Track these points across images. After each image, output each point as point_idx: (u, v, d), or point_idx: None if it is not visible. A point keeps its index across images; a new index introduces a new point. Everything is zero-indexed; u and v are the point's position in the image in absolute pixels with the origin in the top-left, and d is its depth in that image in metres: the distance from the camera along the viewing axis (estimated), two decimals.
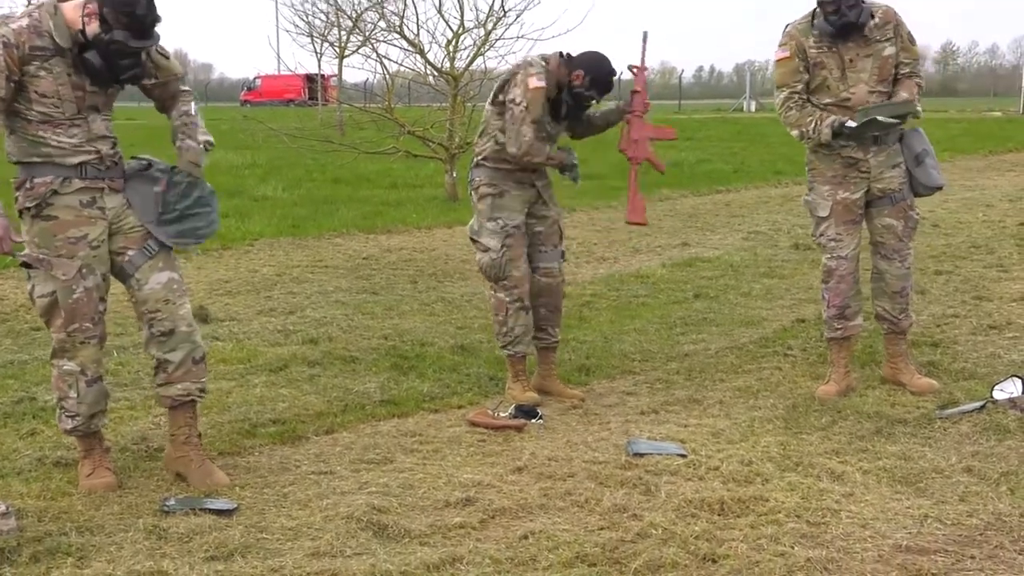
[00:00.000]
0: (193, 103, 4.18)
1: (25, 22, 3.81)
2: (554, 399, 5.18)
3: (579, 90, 5.12)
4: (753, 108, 46.54)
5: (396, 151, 13.57)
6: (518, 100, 5.01)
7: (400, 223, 11.34)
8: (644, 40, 5.51)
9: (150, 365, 4.26)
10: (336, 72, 25.81)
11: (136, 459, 4.35)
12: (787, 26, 5.15)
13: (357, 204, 12.94)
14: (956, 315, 6.78)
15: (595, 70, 5.13)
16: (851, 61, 5.02)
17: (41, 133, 3.86)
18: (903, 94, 5.05)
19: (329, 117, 25.08)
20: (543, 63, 5.11)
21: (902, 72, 5.11)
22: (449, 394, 5.27)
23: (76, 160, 3.91)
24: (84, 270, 3.93)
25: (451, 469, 4.21)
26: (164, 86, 4.13)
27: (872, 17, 5.01)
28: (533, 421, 4.79)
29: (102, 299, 4.01)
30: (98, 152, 3.95)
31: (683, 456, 4.28)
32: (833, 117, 4.98)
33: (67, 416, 4.02)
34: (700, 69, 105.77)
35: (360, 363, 5.80)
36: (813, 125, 5.01)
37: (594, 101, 5.24)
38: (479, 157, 5.20)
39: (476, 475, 4.13)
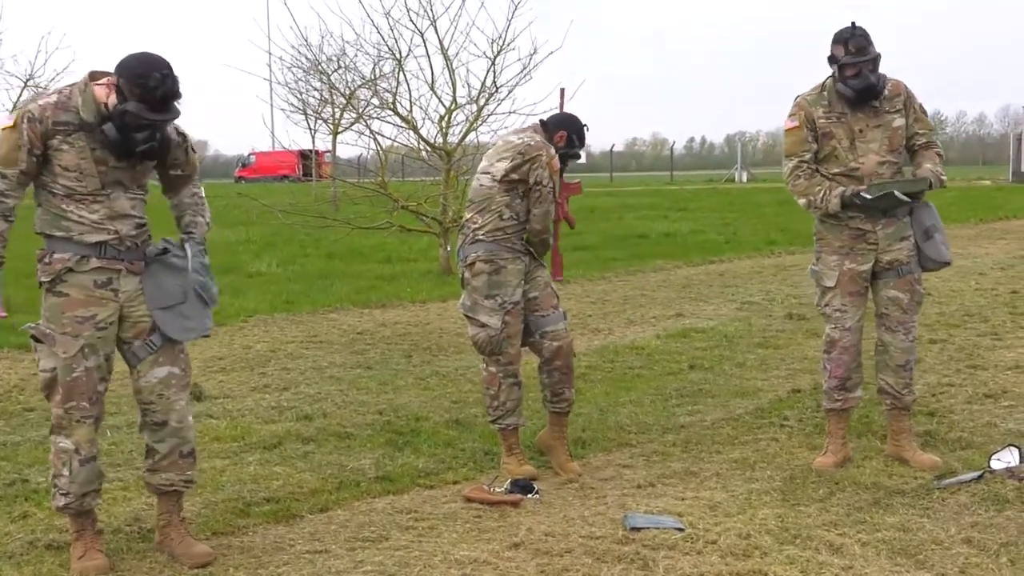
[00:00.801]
0: (205, 212, 4.30)
1: (54, 99, 3.93)
2: (551, 473, 5.16)
3: (565, 150, 5.28)
4: (744, 178, 47.01)
5: (390, 226, 13.65)
6: (545, 182, 5.13)
7: (394, 297, 11.37)
8: (562, 96, 5.68)
9: (143, 445, 4.25)
10: (330, 148, 26.06)
11: (129, 540, 4.32)
12: (797, 97, 5.18)
13: (351, 279, 12.99)
14: (951, 384, 6.79)
15: (572, 127, 5.35)
16: (860, 131, 5.04)
17: (64, 206, 3.92)
18: (926, 165, 5.05)
19: (323, 193, 25.26)
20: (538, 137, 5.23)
21: (919, 143, 5.14)
22: (444, 469, 5.24)
23: (95, 239, 3.94)
24: (86, 350, 3.94)
25: (447, 546, 4.18)
26: (186, 178, 4.22)
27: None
28: (529, 496, 4.77)
29: (103, 380, 4.02)
30: (117, 232, 3.97)
31: (681, 530, 4.25)
32: (842, 188, 5.00)
33: (60, 494, 4.01)
34: (691, 140, 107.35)
35: (355, 439, 5.77)
36: (822, 195, 5.02)
37: (577, 157, 5.37)
38: (480, 232, 5.19)
39: (472, 552, 4.10)
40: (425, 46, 13.14)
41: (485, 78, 13.09)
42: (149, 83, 3.82)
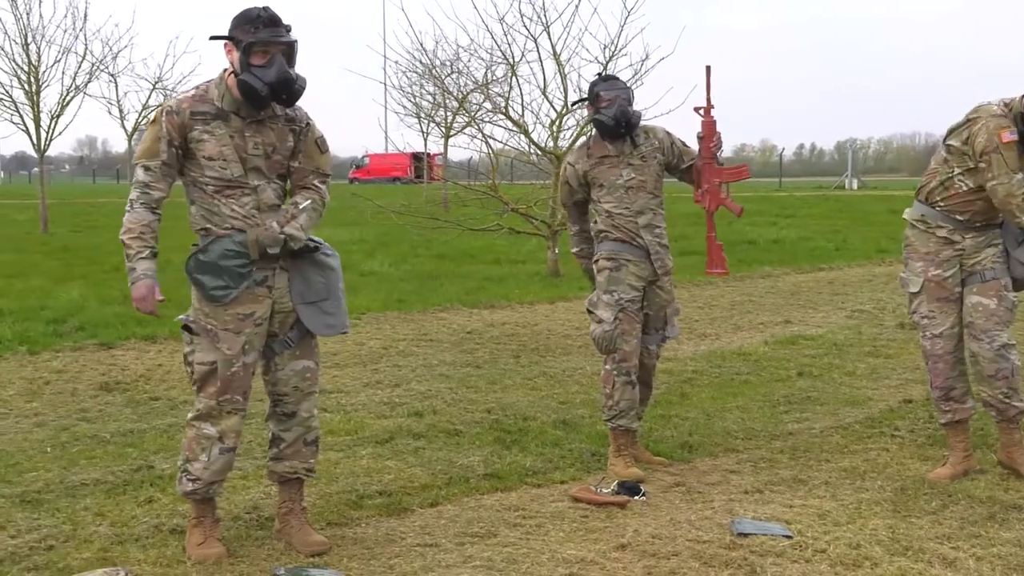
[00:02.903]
0: (312, 199, 4.20)
1: (192, 92, 4.08)
2: (658, 476, 5.18)
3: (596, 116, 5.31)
4: (855, 186, 45.97)
5: (499, 228, 13.77)
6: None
7: (503, 298, 11.48)
8: (708, 75, 5.45)
9: (263, 436, 4.40)
10: (442, 151, 26.37)
11: (248, 527, 4.46)
12: (1006, 105, 4.87)
13: (461, 279, 13.16)
14: None
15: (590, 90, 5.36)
16: None
17: (215, 201, 4.03)
18: None
19: (434, 194, 25.58)
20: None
21: None
22: (551, 469, 5.30)
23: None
24: (246, 346, 4.06)
25: (554, 545, 4.23)
26: (300, 171, 4.23)
27: None
28: (636, 498, 4.79)
29: (253, 373, 4.14)
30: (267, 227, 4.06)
31: (789, 537, 4.23)
32: None
33: (188, 479, 4.13)
34: (801, 147, 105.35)
35: (464, 436, 5.88)
36: None
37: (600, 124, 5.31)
38: (610, 232, 5.32)
39: (579, 551, 4.14)
40: (538, 51, 13.23)
41: None
42: (251, 13, 3.96)
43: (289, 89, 4.01)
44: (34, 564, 4.03)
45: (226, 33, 4.04)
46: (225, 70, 4.09)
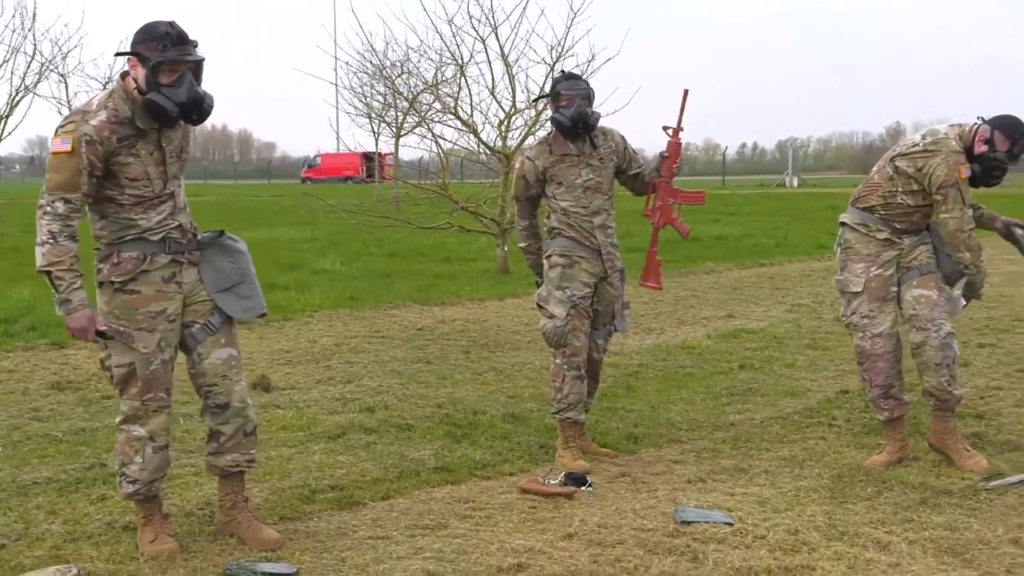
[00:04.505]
0: None
1: (104, 115, 3.90)
2: (604, 467, 5.29)
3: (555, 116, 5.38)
4: (795, 184, 46.58)
5: (450, 226, 13.84)
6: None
7: (453, 295, 11.56)
8: (684, 98, 5.51)
9: (207, 431, 4.42)
10: (392, 150, 26.32)
11: (200, 523, 4.48)
12: (960, 138, 5.12)
13: (412, 277, 13.21)
14: (1000, 387, 6.81)
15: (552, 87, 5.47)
16: None
17: (132, 215, 4.00)
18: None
19: (386, 193, 25.48)
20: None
21: None
22: (501, 461, 5.39)
23: (161, 235, 4.05)
24: (162, 343, 4.07)
25: (503, 535, 4.31)
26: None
27: None
28: (583, 488, 4.90)
29: (172, 369, 4.17)
30: (180, 225, 4.10)
31: (730, 524, 4.35)
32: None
33: (128, 481, 4.14)
34: (743, 146, 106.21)
35: (415, 431, 5.95)
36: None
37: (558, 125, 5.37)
38: (562, 229, 5.41)
39: (528, 541, 4.23)
40: (486, 52, 13.31)
41: (544, 84, 13.22)
42: (158, 30, 3.83)
43: (199, 109, 3.97)
44: None
45: (130, 47, 3.92)
46: (121, 77, 3.99)
